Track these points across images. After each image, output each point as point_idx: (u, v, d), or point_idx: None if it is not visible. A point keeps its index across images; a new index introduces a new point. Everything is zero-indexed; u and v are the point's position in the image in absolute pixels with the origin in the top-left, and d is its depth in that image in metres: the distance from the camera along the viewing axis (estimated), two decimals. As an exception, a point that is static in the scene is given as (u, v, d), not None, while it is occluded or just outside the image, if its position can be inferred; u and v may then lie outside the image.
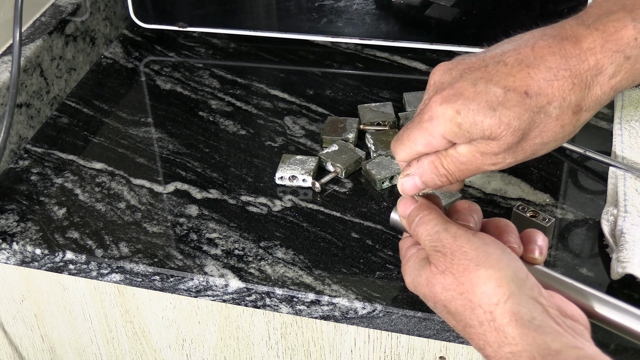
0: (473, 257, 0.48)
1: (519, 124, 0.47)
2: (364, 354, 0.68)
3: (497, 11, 0.85)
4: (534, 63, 0.47)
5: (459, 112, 0.48)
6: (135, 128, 0.83)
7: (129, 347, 0.78)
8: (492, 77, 0.47)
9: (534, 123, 0.47)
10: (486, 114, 0.47)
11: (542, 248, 0.53)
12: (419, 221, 0.53)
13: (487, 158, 0.49)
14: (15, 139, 0.80)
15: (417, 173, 0.52)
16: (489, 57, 0.49)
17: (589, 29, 0.47)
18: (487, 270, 0.47)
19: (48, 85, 0.85)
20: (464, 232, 0.50)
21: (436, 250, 0.50)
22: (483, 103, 0.47)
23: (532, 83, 0.46)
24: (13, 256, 0.70)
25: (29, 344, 0.82)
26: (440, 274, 0.49)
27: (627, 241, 0.61)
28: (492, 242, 0.49)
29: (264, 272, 0.65)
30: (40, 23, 0.87)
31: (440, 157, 0.51)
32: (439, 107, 0.49)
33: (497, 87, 0.47)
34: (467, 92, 0.48)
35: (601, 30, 0.46)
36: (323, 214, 0.70)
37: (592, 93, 0.47)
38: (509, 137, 0.47)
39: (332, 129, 0.79)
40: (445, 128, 0.48)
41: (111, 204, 0.73)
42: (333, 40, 0.93)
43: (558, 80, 0.46)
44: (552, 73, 0.46)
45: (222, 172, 0.76)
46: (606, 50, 0.46)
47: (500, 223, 0.53)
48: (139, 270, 0.66)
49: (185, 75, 0.91)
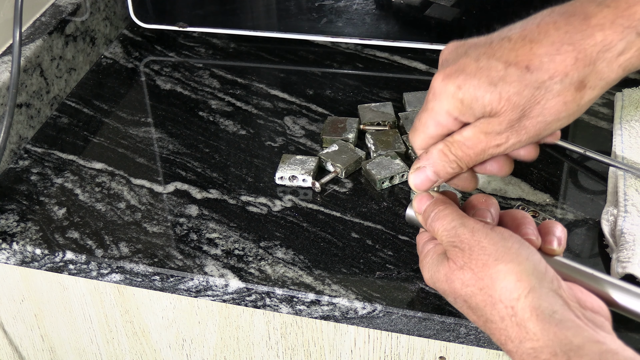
0: (492, 251, 0.48)
1: (518, 100, 0.46)
2: (364, 354, 0.68)
3: (497, 11, 0.85)
4: (537, 38, 0.46)
5: (460, 87, 0.47)
6: (135, 128, 0.83)
7: (129, 347, 0.78)
8: (494, 52, 0.47)
9: (535, 99, 0.46)
10: (487, 90, 0.46)
11: (561, 239, 0.52)
12: (435, 216, 0.53)
13: (491, 138, 0.48)
14: (15, 139, 0.80)
15: (427, 164, 0.52)
16: (496, 35, 0.48)
17: (599, 6, 0.45)
18: (507, 265, 0.47)
19: (48, 85, 0.85)
20: (481, 227, 0.49)
21: (454, 246, 0.50)
22: (484, 78, 0.46)
23: (534, 58, 0.46)
24: (13, 256, 0.70)
25: (29, 344, 0.82)
26: (459, 269, 0.49)
27: (627, 241, 0.61)
28: (510, 236, 0.49)
29: (264, 272, 0.65)
30: (40, 23, 0.87)
31: (447, 144, 0.50)
32: (440, 84, 0.48)
33: (499, 62, 0.46)
34: (469, 68, 0.47)
35: (613, 7, 0.45)
36: (323, 214, 0.70)
37: (597, 70, 0.45)
38: (509, 113, 0.47)
39: (332, 129, 0.79)
40: (449, 104, 0.48)
41: (111, 204, 0.73)
42: (333, 40, 0.93)
43: (560, 55, 0.45)
44: (554, 47, 0.45)
45: (222, 172, 0.76)
46: (616, 26, 0.44)
47: (518, 215, 0.53)
48: (139, 270, 0.66)
49: (185, 75, 0.91)
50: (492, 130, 0.48)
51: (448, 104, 0.48)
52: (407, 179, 0.57)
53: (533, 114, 0.47)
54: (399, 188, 0.73)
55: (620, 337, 0.58)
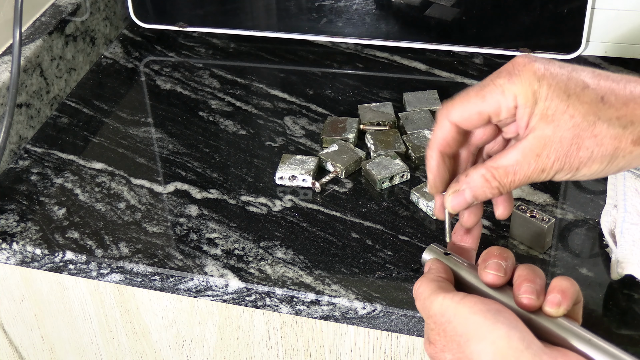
0: (462, 331, 0.46)
1: (580, 120, 0.46)
2: (364, 354, 0.68)
3: (497, 11, 0.85)
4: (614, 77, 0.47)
5: (544, 77, 0.46)
6: (135, 128, 0.83)
7: (129, 347, 0.78)
8: (584, 69, 0.47)
9: (595, 127, 0.46)
10: (561, 97, 0.46)
11: (560, 302, 0.48)
12: (415, 293, 0.52)
13: (542, 161, 0.47)
14: (15, 139, 0.80)
15: (466, 187, 0.51)
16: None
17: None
18: (478, 345, 0.45)
19: (48, 85, 0.85)
20: (449, 302, 0.48)
21: (431, 329, 0.49)
22: (563, 85, 0.46)
23: (609, 92, 0.46)
24: (13, 256, 0.70)
25: (29, 344, 0.81)
26: (440, 352, 0.48)
27: (627, 241, 0.61)
28: (480, 310, 0.47)
29: (264, 272, 0.65)
30: (40, 23, 0.87)
31: (491, 169, 0.49)
32: (527, 59, 0.47)
33: (584, 79, 0.46)
34: (556, 70, 0.47)
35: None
36: (323, 214, 0.70)
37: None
38: (565, 128, 0.46)
39: (332, 129, 0.79)
40: (524, 85, 0.47)
41: (111, 204, 0.73)
42: (333, 40, 0.93)
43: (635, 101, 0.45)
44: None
45: (222, 172, 0.76)
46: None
47: (524, 271, 0.50)
48: (139, 270, 0.66)
49: (185, 75, 0.91)
50: (547, 152, 0.47)
51: (525, 82, 0.47)
52: (438, 210, 0.55)
53: (585, 143, 0.46)
54: (399, 188, 0.73)
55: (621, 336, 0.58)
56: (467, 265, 0.53)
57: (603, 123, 0.46)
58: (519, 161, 0.48)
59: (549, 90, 0.46)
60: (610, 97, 0.46)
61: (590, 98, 0.46)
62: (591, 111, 0.46)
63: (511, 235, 0.67)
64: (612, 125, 0.46)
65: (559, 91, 0.46)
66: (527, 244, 0.66)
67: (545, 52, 0.87)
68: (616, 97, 0.46)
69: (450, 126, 0.51)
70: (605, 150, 0.46)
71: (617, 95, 0.46)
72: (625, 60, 0.88)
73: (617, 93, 0.46)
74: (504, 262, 0.51)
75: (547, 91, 0.46)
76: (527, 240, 0.66)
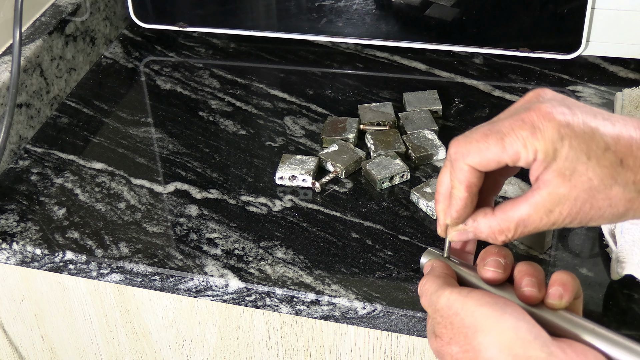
0: (470, 323, 0.47)
1: (597, 184, 0.45)
2: (364, 354, 0.68)
3: (497, 11, 0.85)
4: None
5: (567, 136, 0.45)
6: (135, 128, 0.83)
7: (129, 347, 0.78)
8: (609, 118, 0.47)
9: (611, 190, 0.45)
10: (581, 159, 0.45)
11: (562, 294, 0.49)
12: (420, 291, 0.52)
13: (553, 216, 0.47)
14: (15, 139, 0.80)
15: (471, 231, 0.51)
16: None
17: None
18: (486, 337, 0.46)
19: (48, 85, 0.85)
20: (456, 296, 0.48)
21: (437, 323, 0.49)
22: (585, 147, 0.45)
23: (628, 154, 0.46)
24: (13, 256, 0.70)
25: (29, 344, 0.81)
26: (446, 345, 0.48)
27: (627, 241, 0.61)
28: (487, 302, 0.47)
29: (264, 272, 0.65)
30: (40, 23, 0.87)
31: (501, 223, 0.49)
32: (551, 107, 0.46)
33: (606, 140, 0.46)
34: (580, 125, 0.46)
35: None
36: (323, 214, 0.70)
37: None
38: (581, 189, 0.45)
39: (332, 129, 0.79)
40: (547, 142, 0.45)
41: (111, 204, 0.73)
42: (333, 40, 0.93)
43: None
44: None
45: (222, 172, 0.76)
46: None
47: (523, 267, 0.51)
48: (139, 270, 0.66)
49: (185, 75, 0.91)
50: (560, 209, 0.46)
51: (547, 141, 0.45)
52: (441, 231, 0.54)
53: (599, 197, 0.46)
54: (398, 188, 0.73)
55: (620, 337, 0.58)
56: (466, 266, 0.53)
57: (619, 187, 0.45)
58: (530, 215, 0.47)
59: (570, 150, 0.45)
60: (629, 161, 0.45)
61: (609, 162, 0.45)
62: (609, 175, 0.45)
63: (511, 235, 0.67)
64: (628, 189, 0.46)
65: (580, 153, 0.45)
66: (527, 244, 0.66)
67: (545, 52, 0.87)
68: (634, 160, 0.45)
69: (469, 168, 0.49)
70: (617, 211, 0.46)
71: (636, 158, 0.45)
72: (625, 60, 0.88)
73: (637, 155, 0.46)
74: (503, 259, 0.51)
75: (569, 151, 0.45)
76: (527, 240, 0.66)
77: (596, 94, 0.84)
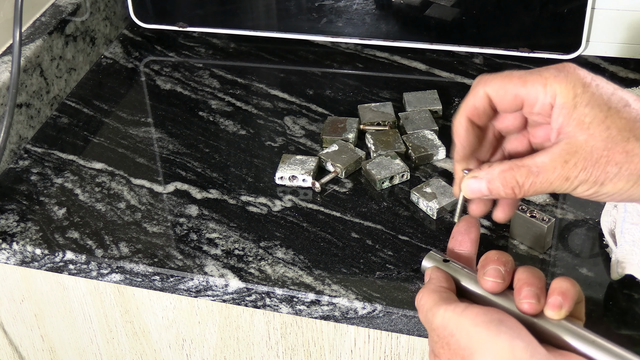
0: (465, 345, 0.46)
1: (615, 134, 0.45)
2: (364, 354, 0.68)
3: (497, 11, 0.85)
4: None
5: (590, 85, 0.46)
6: (135, 128, 0.83)
7: (129, 347, 0.78)
8: (628, 91, 0.47)
9: (628, 143, 0.45)
10: (601, 107, 0.46)
11: (561, 304, 0.48)
12: (417, 305, 0.52)
13: (568, 170, 0.46)
14: (15, 139, 0.80)
15: (485, 178, 0.50)
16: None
17: None
18: (482, 358, 0.45)
19: (48, 85, 0.85)
20: (451, 314, 0.48)
21: (435, 342, 0.49)
22: (606, 97, 0.46)
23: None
24: (13, 256, 0.70)
25: (29, 344, 0.82)
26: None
27: (627, 241, 0.61)
28: (482, 322, 0.46)
29: (264, 272, 0.65)
30: (40, 23, 0.87)
31: (514, 167, 0.48)
32: (577, 66, 0.47)
33: (627, 99, 0.46)
34: (603, 83, 0.47)
35: None
36: (323, 214, 0.70)
37: None
38: (599, 139, 0.45)
39: (332, 129, 0.79)
40: (568, 86, 0.46)
41: (111, 204, 0.73)
42: (333, 40, 0.93)
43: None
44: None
45: (222, 172, 0.76)
46: None
47: (523, 275, 0.50)
48: (139, 270, 0.66)
49: (185, 75, 0.91)
50: (575, 160, 0.46)
51: (570, 81, 0.46)
52: (456, 188, 0.53)
53: (615, 158, 0.46)
54: (399, 188, 0.73)
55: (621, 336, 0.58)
56: (467, 271, 0.53)
57: (637, 141, 0.45)
58: (545, 164, 0.47)
59: (592, 98, 0.46)
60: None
61: (630, 115, 0.45)
62: (628, 127, 0.45)
63: (511, 235, 0.67)
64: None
65: (600, 101, 0.46)
66: (527, 244, 0.66)
67: (545, 52, 0.87)
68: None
69: (485, 96, 0.50)
70: (634, 169, 0.46)
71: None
72: (625, 60, 0.88)
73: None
74: (503, 267, 0.50)
75: (590, 99, 0.46)
76: (527, 240, 0.66)
77: (596, 94, 0.84)
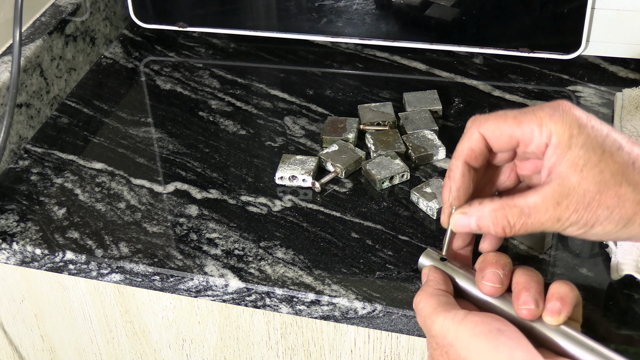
0: (465, 356, 0.46)
1: (608, 178, 0.46)
2: (364, 354, 0.68)
3: (497, 11, 0.85)
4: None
5: (585, 127, 0.46)
6: (135, 128, 0.83)
7: (129, 347, 0.78)
8: (620, 133, 0.47)
9: (620, 188, 0.46)
10: (596, 150, 0.46)
11: (560, 310, 0.48)
12: (415, 308, 0.52)
13: (560, 211, 0.46)
14: (15, 139, 0.80)
15: (475, 215, 0.50)
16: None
17: None
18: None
19: (48, 85, 0.85)
20: (450, 324, 0.48)
21: (434, 349, 0.49)
22: (601, 140, 0.46)
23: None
24: (13, 256, 0.70)
25: (29, 344, 0.82)
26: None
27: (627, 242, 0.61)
28: (481, 332, 0.46)
29: (264, 272, 0.65)
30: (40, 23, 0.87)
31: (506, 207, 0.48)
32: (572, 105, 0.47)
33: (620, 141, 0.46)
34: (597, 124, 0.47)
35: None
36: (323, 214, 0.70)
37: None
38: (592, 182, 0.45)
39: (332, 129, 0.79)
40: (564, 126, 0.46)
41: (111, 204, 0.73)
42: (333, 40, 0.93)
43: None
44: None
45: (222, 172, 0.76)
46: None
47: (521, 279, 0.50)
48: (139, 270, 0.66)
49: (185, 75, 0.91)
50: (567, 202, 0.46)
51: (566, 121, 0.46)
52: (445, 220, 0.53)
53: (608, 195, 0.46)
54: (399, 188, 0.73)
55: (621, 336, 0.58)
56: (464, 271, 0.53)
57: (629, 186, 0.45)
58: (537, 204, 0.47)
59: (587, 140, 0.46)
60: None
61: (622, 159, 0.46)
62: (620, 171, 0.45)
63: (511, 235, 0.67)
64: (637, 190, 0.46)
65: (595, 144, 0.46)
66: (527, 244, 0.66)
67: (545, 52, 0.87)
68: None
69: (480, 137, 0.49)
70: (624, 213, 0.46)
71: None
72: (625, 60, 0.88)
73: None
74: (501, 270, 0.50)
75: (585, 141, 0.46)
76: (527, 240, 0.66)
77: (596, 94, 0.84)
